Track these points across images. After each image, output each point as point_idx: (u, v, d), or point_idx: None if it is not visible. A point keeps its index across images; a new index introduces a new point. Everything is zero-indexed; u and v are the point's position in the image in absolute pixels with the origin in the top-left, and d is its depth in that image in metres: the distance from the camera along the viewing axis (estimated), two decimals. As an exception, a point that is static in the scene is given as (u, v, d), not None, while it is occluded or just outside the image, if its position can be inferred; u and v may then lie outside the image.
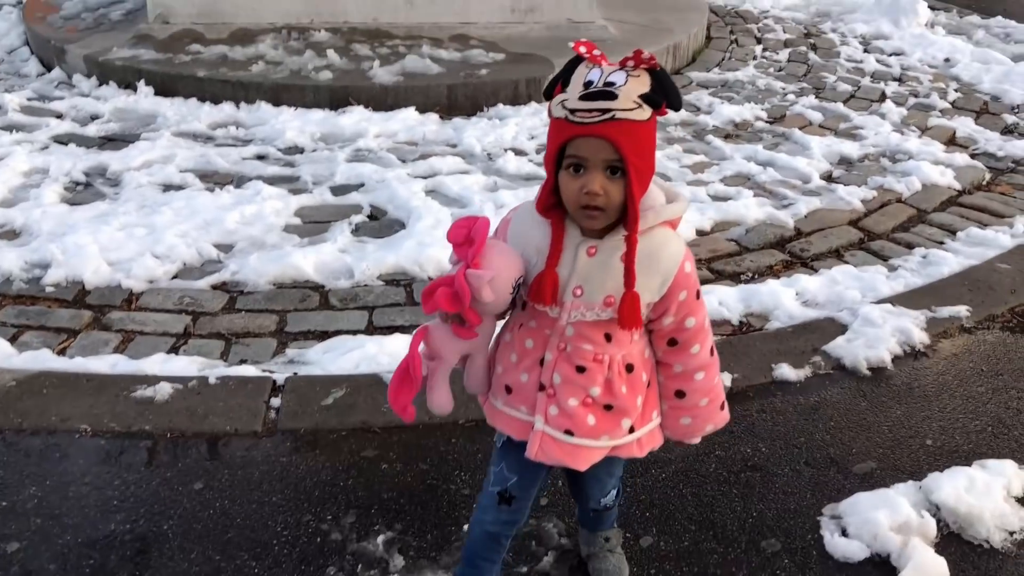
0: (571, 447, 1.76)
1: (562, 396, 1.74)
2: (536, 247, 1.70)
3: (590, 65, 1.61)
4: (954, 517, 2.35)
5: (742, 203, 4.07)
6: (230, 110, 4.93)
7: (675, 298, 1.71)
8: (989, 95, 5.67)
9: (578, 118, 1.57)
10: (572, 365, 1.73)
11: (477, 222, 1.67)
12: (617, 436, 1.79)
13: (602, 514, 2.12)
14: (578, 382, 1.74)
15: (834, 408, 2.82)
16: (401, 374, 1.76)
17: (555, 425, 1.76)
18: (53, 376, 2.83)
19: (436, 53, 5.40)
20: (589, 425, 1.75)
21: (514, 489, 1.87)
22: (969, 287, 3.47)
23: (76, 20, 5.92)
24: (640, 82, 1.58)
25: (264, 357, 3.04)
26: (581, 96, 1.57)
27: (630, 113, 1.56)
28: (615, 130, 1.56)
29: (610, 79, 1.58)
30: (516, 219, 1.78)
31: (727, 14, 7.19)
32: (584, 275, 1.68)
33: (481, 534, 1.95)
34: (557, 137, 1.61)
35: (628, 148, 1.56)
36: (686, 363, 1.78)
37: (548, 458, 1.77)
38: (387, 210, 4.00)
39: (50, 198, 3.95)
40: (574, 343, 1.72)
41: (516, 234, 1.75)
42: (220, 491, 2.43)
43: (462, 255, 1.67)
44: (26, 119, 4.81)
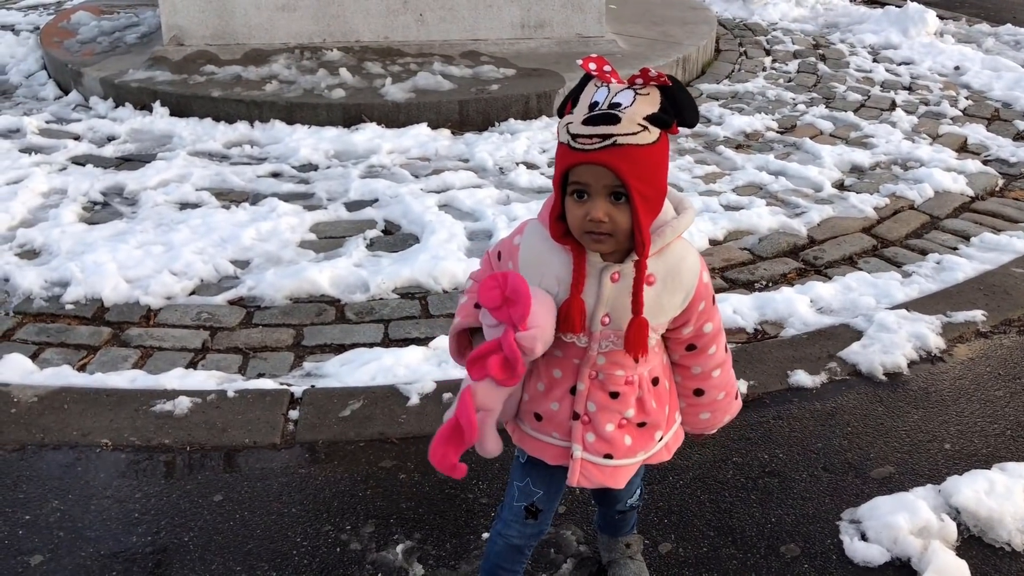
0: (611, 469, 1.78)
1: (598, 423, 1.74)
2: (556, 276, 1.65)
3: (598, 84, 1.56)
4: (975, 520, 2.34)
5: (755, 212, 4.08)
6: (244, 129, 4.98)
7: (695, 310, 1.71)
8: (1000, 102, 5.67)
9: (579, 144, 1.53)
10: (605, 392, 1.73)
11: (509, 280, 1.61)
12: (650, 449, 1.82)
13: (626, 515, 2.12)
14: (613, 407, 1.74)
15: (851, 414, 2.81)
16: (449, 433, 1.69)
17: (594, 451, 1.76)
18: (74, 392, 2.86)
19: (447, 70, 5.44)
20: (626, 446, 1.77)
21: (540, 502, 1.88)
22: (984, 292, 3.47)
23: (92, 44, 6.01)
24: (648, 101, 1.53)
25: (281, 371, 3.06)
26: (584, 120, 1.53)
27: (633, 138, 1.51)
28: (616, 157, 1.51)
29: (616, 99, 1.53)
30: (526, 247, 1.71)
31: (736, 27, 7.22)
32: (610, 302, 1.65)
33: (505, 547, 1.95)
34: (561, 162, 1.58)
35: (630, 174, 1.52)
36: (704, 364, 1.80)
37: (590, 483, 1.78)
38: (401, 225, 4.03)
39: (69, 218, 4.00)
40: (606, 371, 1.71)
41: (530, 263, 1.69)
42: (240, 503, 2.45)
43: (503, 318, 1.62)
44: (45, 141, 4.87)
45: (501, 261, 1.77)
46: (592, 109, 1.54)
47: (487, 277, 1.66)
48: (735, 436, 2.70)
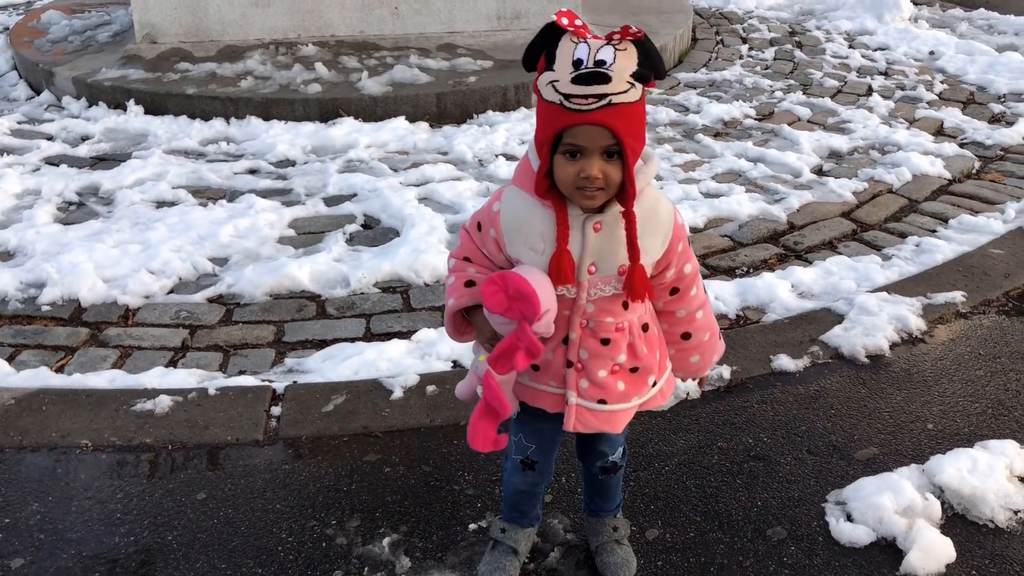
0: (606, 414, 1.84)
1: (591, 369, 1.80)
2: (540, 233, 1.69)
3: (576, 39, 1.57)
4: (958, 498, 2.35)
5: (734, 199, 4.09)
6: (220, 126, 4.94)
7: (675, 251, 1.77)
8: (975, 86, 5.71)
9: (574, 105, 1.55)
10: (597, 339, 1.78)
11: (509, 281, 1.65)
12: (644, 394, 1.87)
13: (609, 476, 2.10)
14: (604, 354, 1.79)
15: (834, 396, 2.82)
16: (482, 414, 1.78)
17: (588, 397, 1.82)
18: (52, 393, 2.82)
19: (424, 63, 5.42)
20: (619, 391, 1.82)
21: (534, 455, 1.98)
22: (963, 273, 3.49)
23: (63, 43, 5.94)
24: (628, 56, 1.57)
25: (263, 367, 3.04)
26: (573, 79, 1.55)
27: (624, 95, 1.55)
28: (613, 116, 1.55)
29: (600, 56, 1.55)
30: (507, 211, 1.74)
31: (712, 15, 7.23)
32: (595, 251, 1.70)
33: (515, 491, 2.09)
34: (552, 123, 1.59)
35: (625, 132, 1.56)
36: (688, 306, 1.85)
37: (586, 427, 1.84)
38: (381, 219, 4.00)
39: (43, 218, 3.95)
40: (596, 318, 1.77)
41: (512, 226, 1.73)
42: (223, 500, 2.43)
43: (514, 316, 1.67)
44: (17, 142, 4.81)
45: (482, 231, 1.79)
46: (577, 67, 1.55)
47: (485, 283, 1.70)
48: (719, 421, 2.70)
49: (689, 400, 2.80)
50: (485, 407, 1.77)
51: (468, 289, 1.79)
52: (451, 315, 1.84)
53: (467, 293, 1.79)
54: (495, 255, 1.79)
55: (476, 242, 1.81)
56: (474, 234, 1.82)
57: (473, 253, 1.83)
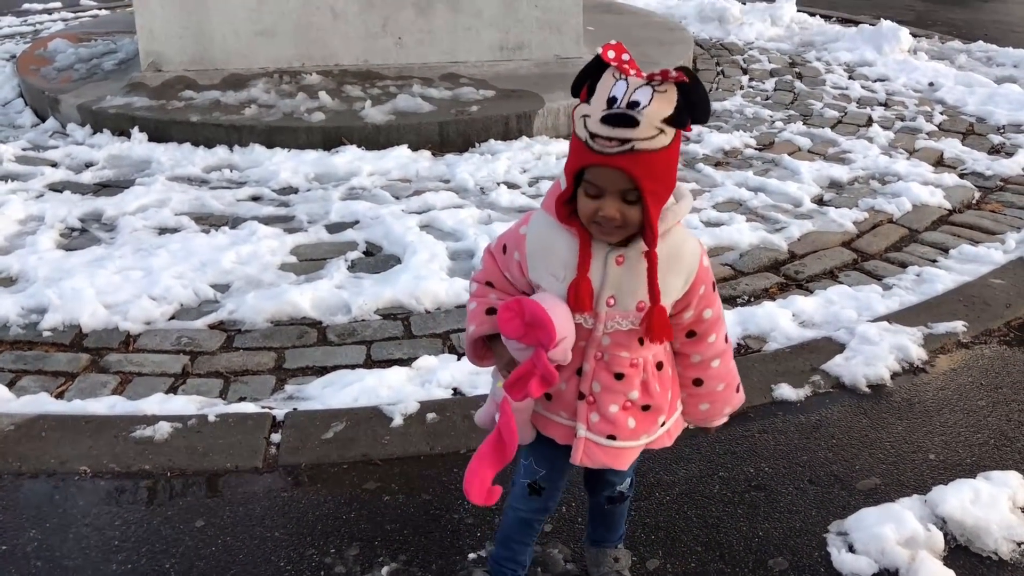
0: (615, 451, 1.82)
1: (603, 403, 1.79)
2: (563, 261, 1.69)
3: (617, 75, 1.56)
4: (961, 530, 2.34)
5: (735, 228, 4.10)
6: (224, 153, 4.96)
7: (696, 293, 1.75)
8: (974, 117, 5.74)
9: (597, 145, 1.54)
10: (611, 373, 1.77)
11: (525, 307, 1.65)
12: (653, 433, 1.85)
13: (615, 506, 2.08)
14: (617, 388, 1.78)
15: (835, 426, 2.81)
16: (491, 450, 1.77)
17: (597, 431, 1.80)
18: (51, 419, 2.82)
19: (427, 92, 5.46)
20: (630, 428, 1.81)
21: (543, 481, 1.95)
22: (964, 303, 3.49)
23: (69, 71, 5.99)
24: (666, 100, 1.54)
25: (263, 394, 3.03)
26: (603, 118, 1.54)
27: (650, 142, 1.53)
28: (632, 163, 1.54)
29: (635, 98, 1.53)
30: (532, 235, 1.74)
31: (712, 46, 7.29)
32: (616, 284, 1.70)
33: (515, 519, 2.05)
34: (577, 159, 1.60)
35: (645, 178, 1.55)
36: (704, 352, 1.83)
37: (593, 462, 1.82)
38: (382, 246, 4.01)
39: (46, 244, 3.96)
40: (611, 351, 1.76)
41: (537, 252, 1.73)
42: (222, 528, 2.41)
43: (530, 342, 1.68)
44: (21, 168, 4.84)
45: (507, 254, 1.79)
46: (611, 105, 1.54)
47: (502, 308, 1.70)
48: (721, 450, 2.69)
49: (690, 429, 2.77)
50: (495, 440, 1.76)
51: (489, 317, 1.78)
52: (471, 342, 1.84)
53: (487, 321, 1.79)
54: (518, 279, 1.79)
55: (500, 265, 1.81)
56: (498, 256, 1.81)
57: (496, 277, 1.82)
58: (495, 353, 1.83)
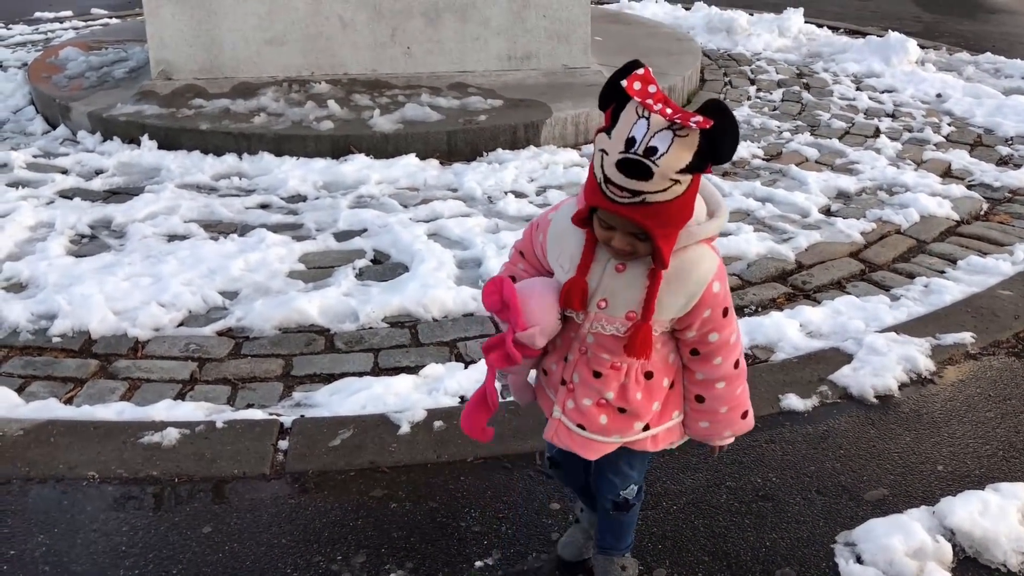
0: (582, 439, 1.87)
1: (579, 394, 1.83)
2: (570, 255, 1.76)
3: (641, 112, 1.53)
4: (969, 541, 2.33)
5: (743, 238, 4.10)
6: (233, 161, 4.99)
7: (699, 316, 1.74)
8: (982, 128, 5.73)
9: (610, 192, 1.55)
10: (590, 369, 1.81)
11: (504, 285, 1.75)
12: (628, 435, 1.86)
13: (620, 512, 2.07)
14: (593, 385, 1.81)
15: (843, 436, 2.81)
16: (478, 400, 1.89)
17: (570, 417, 1.87)
18: (60, 424, 2.83)
19: (435, 101, 5.48)
20: (600, 424, 1.84)
21: (558, 456, 2.05)
22: (972, 314, 3.48)
23: (80, 79, 6.03)
24: (686, 146, 1.51)
25: (271, 401, 3.04)
26: (619, 161, 1.52)
27: (662, 195, 1.53)
28: (643, 214, 1.55)
29: (653, 143, 1.50)
30: (556, 221, 1.81)
31: (720, 57, 7.31)
32: (610, 289, 1.73)
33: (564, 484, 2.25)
34: (589, 195, 1.64)
35: (655, 226, 1.56)
36: (708, 373, 1.83)
37: (561, 443, 1.89)
38: (390, 254, 4.02)
39: (56, 251, 3.98)
40: (593, 350, 1.80)
41: (554, 239, 1.81)
42: (229, 534, 2.42)
43: (505, 319, 1.76)
44: (32, 175, 4.86)
45: (537, 231, 1.88)
46: (629, 146, 1.52)
47: (488, 282, 1.80)
48: (728, 460, 2.69)
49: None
50: (482, 394, 1.88)
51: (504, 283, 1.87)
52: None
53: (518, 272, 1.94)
54: (541, 257, 1.88)
55: (530, 240, 1.90)
56: (532, 233, 1.90)
57: (528, 250, 1.92)
58: None
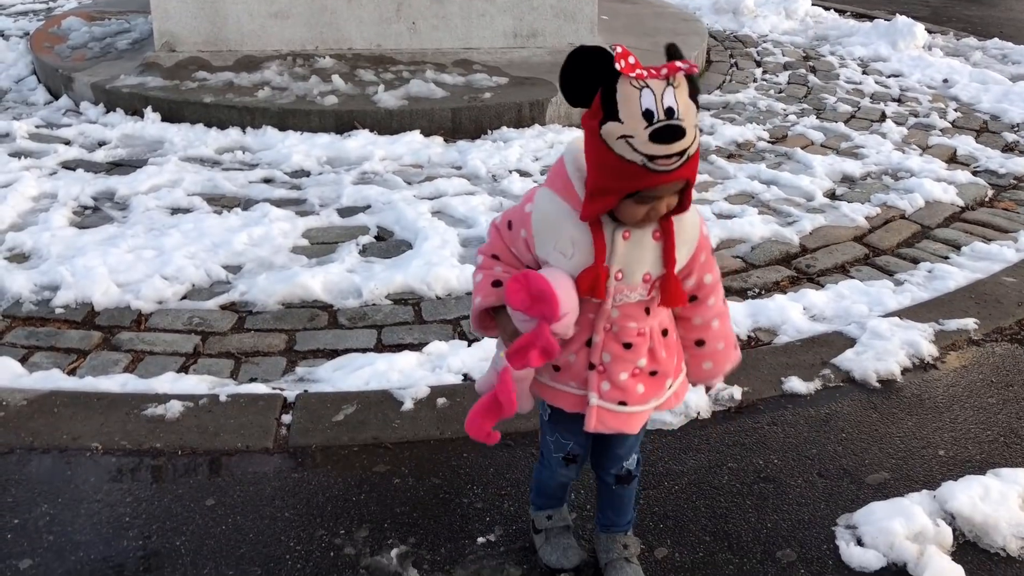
0: (625, 415, 1.89)
1: (613, 372, 1.84)
2: (571, 239, 1.73)
3: (638, 84, 1.55)
4: (970, 526, 2.34)
5: (747, 220, 4.09)
6: (236, 135, 4.96)
7: (698, 260, 1.83)
8: (988, 114, 5.71)
9: (659, 166, 1.56)
10: (619, 343, 1.83)
11: (531, 281, 1.69)
12: (661, 396, 1.92)
13: (624, 487, 2.10)
14: (626, 357, 1.84)
15: (845, 420, 2.81)
16: (488, 405, 1.84)
17: (609, 399, 1.86)
18: (64, 395, 2.83)
19: (440, 78, 5.45)
20: (639, 394, 1.88)
21: (575, 449, 2.03)
22: (976, 300, 3.48)
23: (83, 49, 5.99)
24: (683, 92, 1.57)
25: (274, 375, 3.04)
26: (652, 134, 1.54)
27: (695, 143, 1.59)
28: (689, 169, 1.61)
29: (667, 103, 1.55)
30: (539, 214, 1.77)
31: (726, 38, 7.26)
32: (623, 259, 1.75)
33: (555, 485, 2.15)
34: (632, 182, 1.60)
35: (694, 175, 1.64)
36: (704, 315, 1.90)
37: (606, 428, 1.89)
38: (394, 231, 4.01)
39: (59, 222, 3.97)
40: (619, 323, 1.82)
41: (544, 230, 1.77)
42: (232, 507, 2.43)
43: (535, 314, 1.72)
44: (34, 146, 4.84)
45: (512, 230, 1.83)
46: (649, 119, 1.55)
47: (509, 281, 1.74)
48: (730, 441, 2.70)
49: (699, 420, 2.79)
50: (492, 400, 1.82)
51: (495, 289, 1.83)
52: (476, 313, 1.89)
53: (494, 293, 1.83)
54: (524, 254, 1.83)
55: (506, 240, 1.85)
56: (504, 232, 1.85)
57: (502, 251, 1.86)
58: (499, 324, 1.87)
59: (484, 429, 1.86)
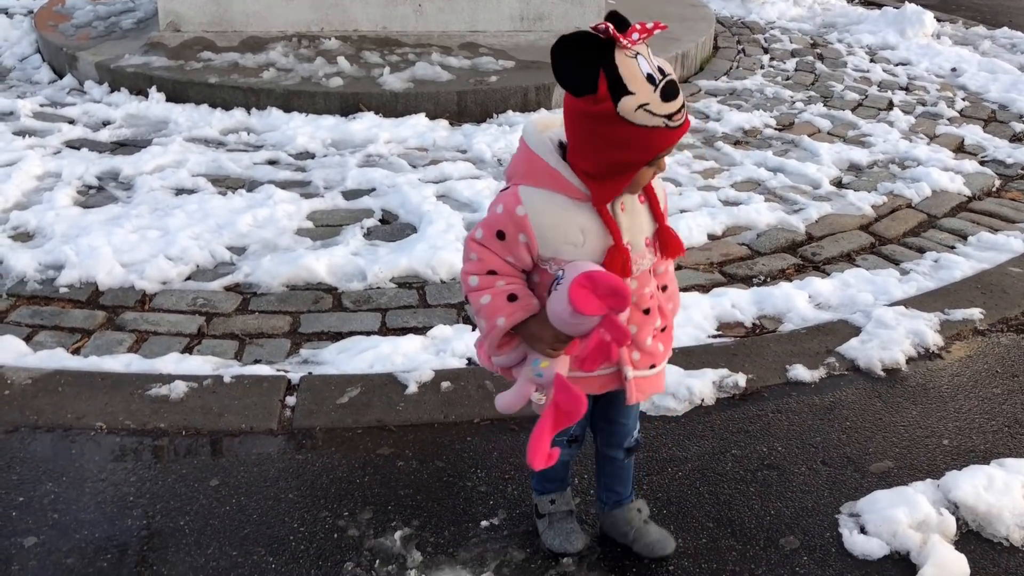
0: (655, 377, 1.98)
1: (640, 340, 1.91)
2: (579, 226, 1.75)
3: (630, 54, 1.62)
4: (973, 515, 2.34)
5: (753, 208, 4.08)
6: (241, 116, 4.95)
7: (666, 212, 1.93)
8: (997, 104, 5.68)
9: (675, 122, 1.64)
10: (640, 311, 1.89)
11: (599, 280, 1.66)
12: (670, 348, 2.02)
13: (630, 459, 2.19)
14: (648, 322, 1.91)
15: (849, 408, 2.81)
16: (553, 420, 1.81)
17: (642, 366, 1.94)
18: (68, 374, 2.83)
19: (446, 60, 5.42)
20: (661, 352, 1.98)
21: (576, 431, 2.09)
22: (982, 290, 3.47)
23: (87, 28, 5.96)
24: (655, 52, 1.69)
25: (278, 357, 3.04)
26: (662, 92, 1.62)
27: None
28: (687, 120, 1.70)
29: (658, 65, 1.65)
30: (535, 211, 1.74)
31: (733, 24, 7.22)
32: (628, 231, 1.80)
33: (558, 466, 2.09)
34: (658, 145, 1.67)
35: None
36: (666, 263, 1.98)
37: (644, 395, 1.97)
38: (399, 214, 4.00)
39: (63, 201, 3.96)
40: (638, 292, 1.87)
41: (546, 226, 1.74)
42: (236, 488, 2.43)
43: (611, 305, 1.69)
44: (39, 124, 4.83)
45: (507, 239, 1.77)
46: (652, 83, 1.63)
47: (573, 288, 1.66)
48: (734, 428, 2.70)
49: (704, 407, 2.79)
50: (555, 413, 1.79)
51: (515, 304, 1.77)
52: (499, 334, 1.79)
53: (520, 307, 1.77)
54: (523, 260, 1.79)
55: (499, 252, 1.78)
56: (494, 244, 1.78)
57: (497, 264, 1.79)
58: (529, 336, 1.79)
59: (546, 451, 1.83)
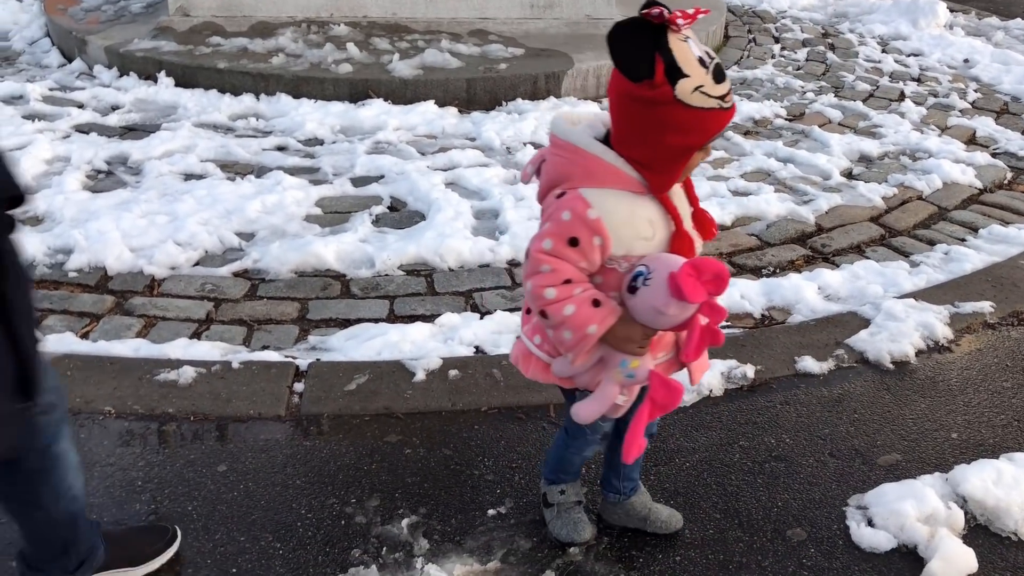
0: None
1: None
2: (648, 220, 1.74)
3: (681, 38, 1.62)
4: (981, 509, 2.34)
5: (763, 198, 4.06)
6: (250, 101, 4.94)
7: None
8: (1009, 96, 5.64)
9: (728, 103, 1.65)
10: None
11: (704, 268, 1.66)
12: None
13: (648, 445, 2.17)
14: None
15: (858, 401, 2.80)
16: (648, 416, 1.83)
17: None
18: (77, 359, 2.84)
19: (455, 47, 5.40)
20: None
21: (607, 427, 2.09)
22: (992, 283, 3.45)
23: (97, 12, 5.95)
24: None
25: (286, 343, 3.04)
26: (715, 78, 1.63)
27: None
28: None
29: (705, 48, 1.66)
30: (608, 214, 1.69)
31: (744, 14, 7.18)
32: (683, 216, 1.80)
33: (582, 460, 2.20)
34: (713, 126, 1.66)
35: None
36: None
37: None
38: (407, 202, 4.00)
39: (72, 185, 3.96)
40: None
41: (619, 226, 1.71)
42: (244, 473, 2.44)
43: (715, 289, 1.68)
44: (48, 108, 4.82)
45: (581, 245, 1.71)
46: (704, 66, 1.64)
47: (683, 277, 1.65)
48: (742, 419, 2.69)
49: (712, 398, 2.79)
50: (651, 407, 1.81)
51: (601, 309, 1.74)
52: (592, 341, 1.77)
53: (607, 312, 1.74)
54: (595, 264, 1.74)
55: (572, 259, 1.73)
56: (568, 253, 1.72)
57: (572, 273, 1.74)
58: (616, 339, 1.78)
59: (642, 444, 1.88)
